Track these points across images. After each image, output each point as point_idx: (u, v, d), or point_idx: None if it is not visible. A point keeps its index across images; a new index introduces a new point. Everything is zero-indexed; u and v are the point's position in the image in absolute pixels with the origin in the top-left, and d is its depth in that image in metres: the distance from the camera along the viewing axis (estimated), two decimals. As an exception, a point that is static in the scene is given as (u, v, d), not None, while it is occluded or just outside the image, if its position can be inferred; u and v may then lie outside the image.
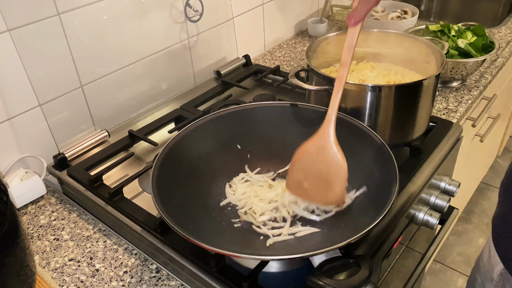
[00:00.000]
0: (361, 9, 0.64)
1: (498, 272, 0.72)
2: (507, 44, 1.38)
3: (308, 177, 0.70)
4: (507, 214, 0.67)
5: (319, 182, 0.69)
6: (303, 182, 0.70)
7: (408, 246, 0.99)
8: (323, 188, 0.69)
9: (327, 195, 0.69)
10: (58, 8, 0.87)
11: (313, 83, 0.88)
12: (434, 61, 0.90)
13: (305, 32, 1.57)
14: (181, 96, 1.18)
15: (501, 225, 0.69)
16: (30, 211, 0.88)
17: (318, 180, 0.69)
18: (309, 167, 0.70)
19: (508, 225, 0.67)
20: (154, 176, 0.68)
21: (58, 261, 0.77)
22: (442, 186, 0.96)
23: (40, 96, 0.90)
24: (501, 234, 0.69)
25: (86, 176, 0.87)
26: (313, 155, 0.69)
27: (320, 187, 0.69)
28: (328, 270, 0.57)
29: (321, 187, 0.69)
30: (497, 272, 0.72)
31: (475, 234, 1.93)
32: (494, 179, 2.19)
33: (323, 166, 0.69)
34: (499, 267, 0.71)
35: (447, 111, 1.08)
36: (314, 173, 0.70)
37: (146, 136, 0.98)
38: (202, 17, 1.14)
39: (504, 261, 0.69)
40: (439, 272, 1.79)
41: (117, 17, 0.98)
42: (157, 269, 0.75)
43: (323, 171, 0.69)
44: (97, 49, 0.97)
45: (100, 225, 0.84)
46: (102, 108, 1.03)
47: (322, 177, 0.69)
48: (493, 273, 0.73)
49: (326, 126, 0.69)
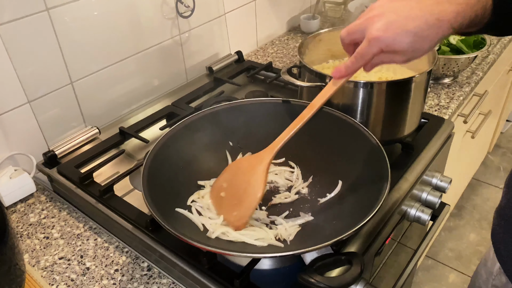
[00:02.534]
0: (351, 66, 0.61)
1: (498, 266, 0.72)
2: (498, 40, 1.39)
3: (227, 189, 0.70)
4: (506, 209, 0.67)
5: (232, 197, 0.69)
6: (221, 191, 0.71)
7: (400, 242, 0.99)
8: (233, 204, 0.68)
9: (233, 214, 0.68)
10: (47, 3, 0.86)
11: (305, 79, 0.87)
12: (425, 58, 0.90)
13: (297, 28, 1.57)
14: (173, 92, 1.17)
15: (498, 218, 0.69)
16: (20, 209, 0.87)
17: (232, 195, 0.69)
18: (234, 179, 0.70)
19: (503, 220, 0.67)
20: (144, 173, 0.68)
21: (48, 260, 0.76)
22: (434, 183, 0.96)
23: (29, 93, 0.89)
24: (496, 228, 0.70)
25: (77, 174, 0.86)
26: (241, 170, 0.70)
27: (232, 202, 0.69)
28: (319, 267, 0.56)
29: (232, 203, 0.68)
30: (497, 266, 0.72)
31: (466, 230, 1.95)
32: (485, 175, 2.21)
33: (242, 185, 0.69)
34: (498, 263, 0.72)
35: (439, 108, 1.08)
36: (233, 187, 0.70)
37: (137, 133, 0.97)
38: (193, 12, 1.13)
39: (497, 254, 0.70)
40: (431, 268, 1.80)
41: (107, 13, 0.96)
42: (148, 267, 0.74)
43: (240, 189, 0.69)
44: (87, 45, 0.95)
45: (91, 223, 0.83)
46: (92, 105, 1.01)
47: (237, 194, 0.69)
48: (494, 268, 0.73)
49: (267, 151, 0.69)
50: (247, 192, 0.67)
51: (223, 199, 0.70)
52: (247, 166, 0.70)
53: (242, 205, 0.67)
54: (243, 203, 0.67)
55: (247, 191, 0.67)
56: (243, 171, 0.70)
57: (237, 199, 0.68)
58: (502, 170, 2.24)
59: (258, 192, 0.66)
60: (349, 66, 0.61)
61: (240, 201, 0.67)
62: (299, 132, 0.71)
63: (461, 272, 1.77)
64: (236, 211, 0.67)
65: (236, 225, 0.67)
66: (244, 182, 0.68)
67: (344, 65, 0.62)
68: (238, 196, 0.68)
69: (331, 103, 0.83)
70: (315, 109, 0.68)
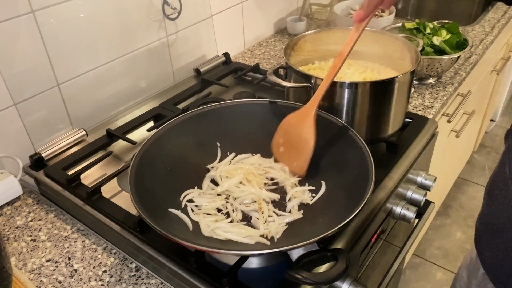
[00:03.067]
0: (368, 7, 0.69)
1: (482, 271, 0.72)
2: (480, 41, 1.41)
3: (284, 144, 0.79)
4: (489, 217, 0.67)
5: (290, 150, 0.79)
6: (280, 147, 0.80)
7: (386, 240, 1.00)
8: (292, 156, 0.78)
9: (294, 164, 0.78)
10: (32, 5, 0.85)
11: (291, 80, 0.88)
12: (409, 58, 0.92)
13: (284, 30, 1.58)
14: (160, 94, 1.17)
15: (482, 227, 0.69)
16: (6, 212, 0.86)
17: (290, 148, 0.79)
18: (287, 135, 0.79)
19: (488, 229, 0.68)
20: (132, 174, 0.68)
21: (35, 262, 0.76)
22: (419, 181, 0.98)
23: (15, 95, 0.89)
24: (480, 236, 0.70)
25: (64, 176, 0.86)
26: (292, 126, 0.78)
27: (290, 155, 0.79)
28: (306, 263, 0.57)
29: (291, 155, 0.79)
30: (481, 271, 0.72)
31: (452, 228, 1.98)
32: (471, 174, 2.24)
33: (296, 138, 0.78)
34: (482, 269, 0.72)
35: (423, 107, 1.10)
36: (289, 142, 0.79)
37: (124, 134, 0.97)
38: (180, 14, 1.14)
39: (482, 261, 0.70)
40: (419, 266, 1.82)
41: (94, 15, 0.96)
42: (136, 268, 0.74)
43: (295, 142, 0.78)
44: (73, 47, 0.95)
45: (79, 225, 0.83)
46: (79, 107, 1.01)
47: (293, 147, 0.78)
48: (478, 272, 0.74)
49: (310, 104, 0.76)
50: (300, 144, 0.77)
51: (283, 153, 0.80)
52: (296, 121, 0.78)
53: (300, 156, 0.77)
54: (300, 153, 0.77)
55: (300, 143, 0.77)
56: (293, 126, 0.78)
57: (295, 151, 0.78)
58: (487, 169, 2.28)
59: (310, 142, 0.75)
60: (366, 7, 0.69)
61: (297, 153, 0.77)
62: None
63: (448, 270, 1.80)
64: (295, 161, 0.78)
65: (299, 173, 0.78)
66: (297, 136, 0.77)
67: (362, 8, 0.70)
68: (294, 149, 0.78)
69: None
70: (345, 57, 0.74)
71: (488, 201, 0.67)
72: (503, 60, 1.83)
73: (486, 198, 0.68)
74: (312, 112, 0.76)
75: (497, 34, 1.48)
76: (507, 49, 1.89)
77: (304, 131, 0.76)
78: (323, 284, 0.54)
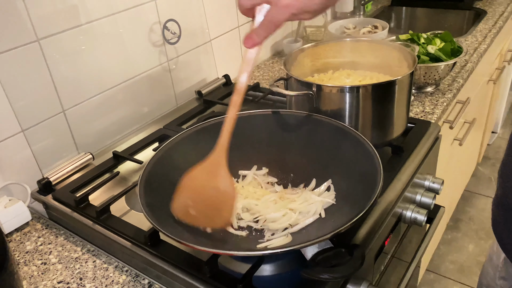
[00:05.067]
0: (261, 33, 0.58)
1: (502, 258, 0.72)
2: (474, 50, 1.44)
3: (196, 204, 0.67)
4: (503, 198, 0.68)
5: (207, 209, 0.67)
6: (190, 209, 0.67)
7: (399, 246, 0.99)
8: (210, 214, 0.67)
9: (214, 220, 0.67)
10: (38, 34, 0.88)
11: (292, 90, 0.90)
12: (406, 65, 0.94)
13: (281, 52, 1.62)
14: (163, 117, 1.19)
15: (496, 209, 0.70)
16: (15, 238, 0.86)
17: (205, 207, 0.67)
18: (198, 194, 0.67)
19: (502, 210, 0.68)
20: (141, 186, 0.68)
21: (47, 285, 0.75)
22: (427, 184, 0.98)
23: (23, 121, 0.90)
24: (496, 218, 0.70)
25: (72, 198, 0.86)
26: (203, 182, 0.67)
27: (208, 213, 0.67)
28: (321, 260, 0.57)
29: (208, 213, 0.67)
30: (502, 258, 0.72)
31: (465, 241, 1.95)
32: (477, 187, 2.23)
33: (212, 194, 0.66)
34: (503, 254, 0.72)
35: (425, 114, 1.11)
36: (203, 201, 0.67)
37: (131, 155, 0.98)
38: (180, 39, 1.17)
39: (501, 245, 0.70)
40: (434, 282, 1.78)
41: (95, 45, 0.99)
42: (149, 284, 0.73)
43: (212, 198, 0.66)
44: (77, 73, 0.97)
45: (89, 245, 0.82)
46: (85, 132, 1.02)
47: (211, 204, 0.67)
48: (500, 259, 0.73)
49: (218, 153, 0.66)
50: (220, 198, 0.66)
51: (196, 215, 0.67)
52: (206, 176, 0.67)
53: (222, 209, 0.66)
54: (222, 207, 0.66)
55: (219, 197, 0.66)
56: (205, 181, 0.67)
57: (213, 208, 0.66)
58: (494, 180, 2.27)
59: (232, 192, 0.65)
60: (260, 33, 0.58)
61: (216, 208, 0.66)
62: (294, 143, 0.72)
63: (464, 284, 1.76)
64: (216, 217, 0.67)
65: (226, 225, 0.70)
66: (213, 190, 0.66)
67: (254, 33, 0.58)
68: (213, 205, 0.66)
69: (319, 110, 0.85)
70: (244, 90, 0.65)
71: (501, 183, 0.68)
72: (498, 70, 1.86)
73: (499, 181, 0.69)
74: (223, 161, 0.65)
75: (490, 43, 1.51)
76: (501, 59, 1.93)
77: (221, 184, 0.66)
78: (341, 278, 0.53)
